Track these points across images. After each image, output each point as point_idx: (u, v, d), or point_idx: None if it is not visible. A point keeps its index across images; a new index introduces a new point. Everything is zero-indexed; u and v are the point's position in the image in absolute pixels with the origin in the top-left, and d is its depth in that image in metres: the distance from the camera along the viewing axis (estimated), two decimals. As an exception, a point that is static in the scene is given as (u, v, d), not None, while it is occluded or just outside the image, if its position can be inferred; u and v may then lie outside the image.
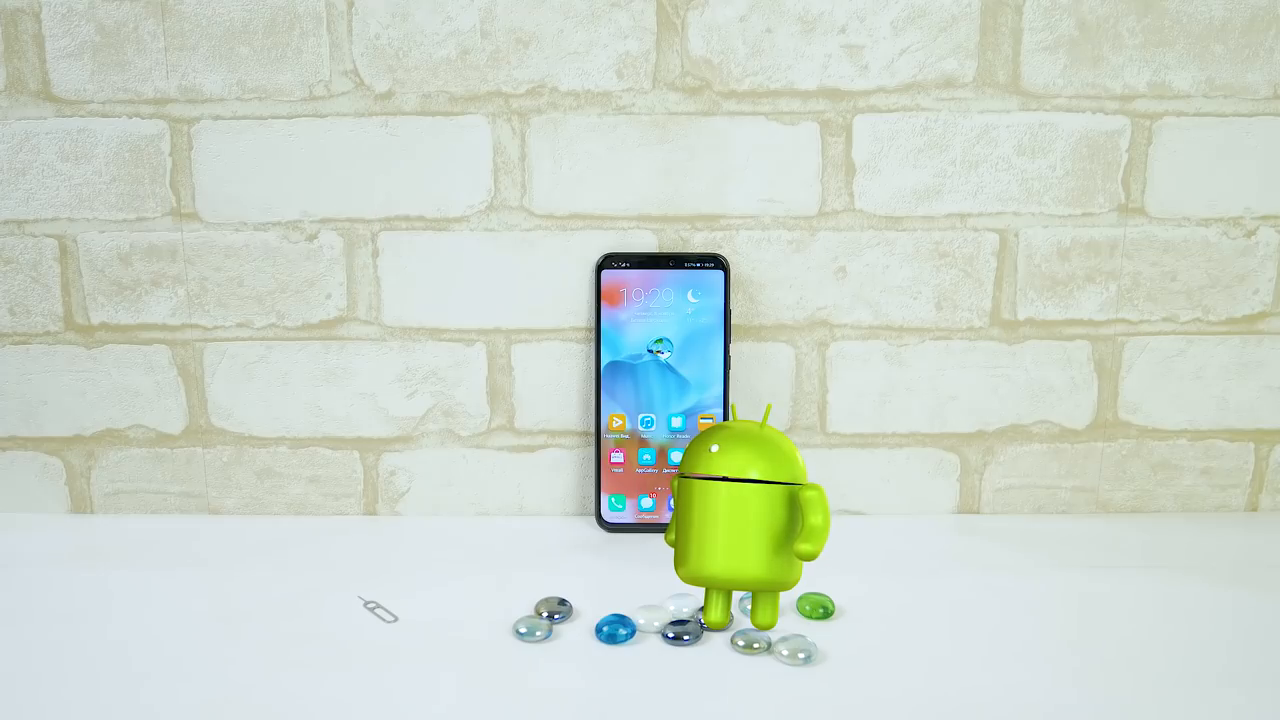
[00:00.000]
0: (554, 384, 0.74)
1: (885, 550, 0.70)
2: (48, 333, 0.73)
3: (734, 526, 0.55)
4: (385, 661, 0.56)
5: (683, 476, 0.57)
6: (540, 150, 0.71)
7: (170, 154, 0.71)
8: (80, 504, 0.76)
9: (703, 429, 0.65)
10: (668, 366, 0.71)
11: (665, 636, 0.58)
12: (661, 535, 0.72)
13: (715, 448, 0.56)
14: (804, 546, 0.55)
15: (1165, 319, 0.73)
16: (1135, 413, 0.74)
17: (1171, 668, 0.56)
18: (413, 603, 0.62)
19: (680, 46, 0.69)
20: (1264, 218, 0.72)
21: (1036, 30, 0.69)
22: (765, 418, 0.58)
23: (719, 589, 0.58)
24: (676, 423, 0.72)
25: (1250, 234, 0.72)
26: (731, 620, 0.59)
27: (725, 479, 0.56)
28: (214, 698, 0.53)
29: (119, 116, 0.70)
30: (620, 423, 0.72)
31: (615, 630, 0.58)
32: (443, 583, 0.65)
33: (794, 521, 0.56)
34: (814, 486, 0.56)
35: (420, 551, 0.70)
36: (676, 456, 0.72)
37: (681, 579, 0.58)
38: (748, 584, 0.56)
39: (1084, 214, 0.71)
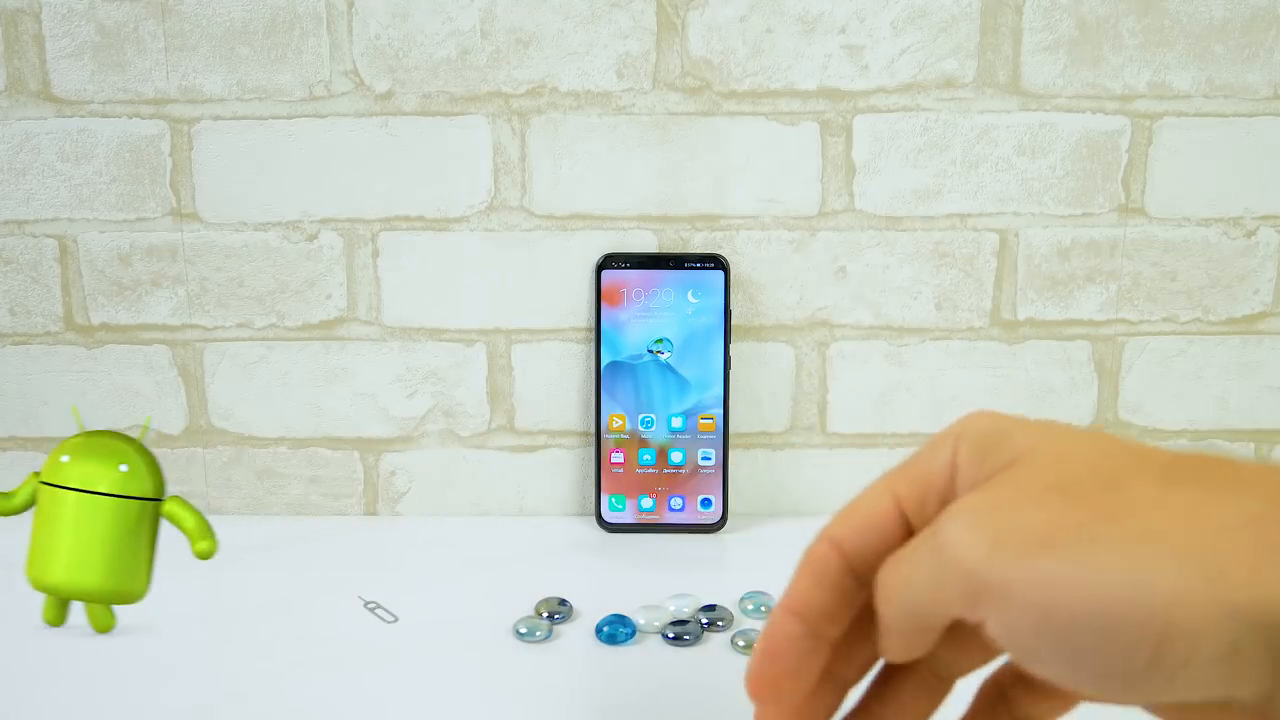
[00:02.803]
0: (554, 384, 0.74)
1: (885, 550, 0.70)
2: (48, 333, 0.73)
3: (80, 538, 0.55)
4: (385, 661, 0.56)
5: (41, 483, 0.56)
6: (540, 150, 0.70)
7: (170, 154, 0.71)
8: (80, 504, 0.76)
9: (73, 437, 0.59)
10: (668, 366, 0.71)
11: (665, 636, 0.58)
12: (661, 537, 0.72)
13: (66, 458, 0.56)
14: (202, 545, 0.57)
15: (1165, 319, 0.73)
16: (1135, 413, 0.74)
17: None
18: (413, 603, 0.62)
19: (680, 47, 0.69)
20: (1264, 218, 0.72)
21: (1036, 30, 0.69)
22: (143, 433, 0.58)
23: (61, 597, 0.57)
24: (676, 423, 0.72)
25: (1250, 234, 0.72)
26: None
27: (77, 490, 0.55)
28: (214, 698, 0.53)
29: (119, 117, 0.70)
30: (620, 423, 0.72)
31: (615, 630, 0.58)
32: (443, 583, 0.65)
33: (141, 535, 0.57)
34: (173, 499, 0.57)
35: (420, 552, 0.70)
36: (677, 456, 0.72)
37: (30, 583, 0.57)
38: (88, 594, 0.56)
39: (1084, 214, 0.71)
